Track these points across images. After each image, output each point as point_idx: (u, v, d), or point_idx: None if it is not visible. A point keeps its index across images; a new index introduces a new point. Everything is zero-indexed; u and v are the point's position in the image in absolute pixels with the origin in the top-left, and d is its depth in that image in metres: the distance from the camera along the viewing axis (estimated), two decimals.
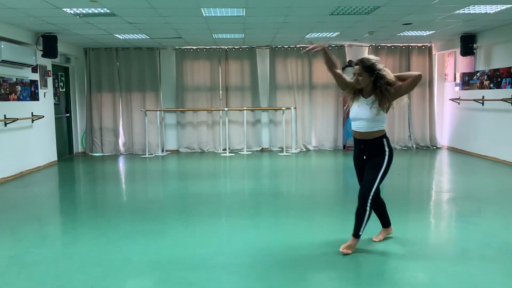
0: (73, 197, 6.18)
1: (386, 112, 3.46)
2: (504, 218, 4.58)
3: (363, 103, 3.51)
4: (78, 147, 10.43)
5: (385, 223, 3.86)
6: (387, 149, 3.50)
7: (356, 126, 3.55)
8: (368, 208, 3.43)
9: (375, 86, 3.44)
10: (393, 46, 10.36)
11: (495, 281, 3.04)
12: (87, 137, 10.29)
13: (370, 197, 3.42)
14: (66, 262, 3.51)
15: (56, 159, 8.96)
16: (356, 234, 3.52)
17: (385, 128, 3.54)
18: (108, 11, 6.21)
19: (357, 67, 3.49)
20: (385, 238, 3.87)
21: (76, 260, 3.55)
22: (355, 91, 3.58)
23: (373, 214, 3.65)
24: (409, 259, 3.45)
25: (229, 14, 6.55)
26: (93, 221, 4.69)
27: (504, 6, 6.21)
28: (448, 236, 4.23)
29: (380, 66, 3.44)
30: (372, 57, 3.52)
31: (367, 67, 3.43)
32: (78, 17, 6.56)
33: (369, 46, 10.38)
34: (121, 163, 9.12)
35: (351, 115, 3.58)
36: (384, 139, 3.51)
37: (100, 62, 10.15)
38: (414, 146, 10.47)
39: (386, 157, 3.48)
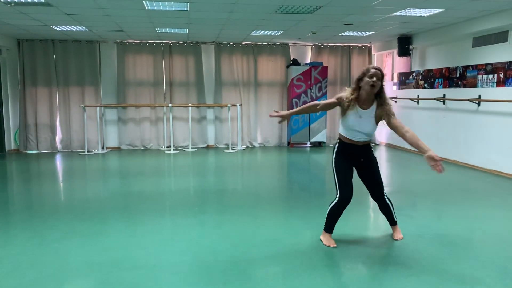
0: (5, 197, 5.81)
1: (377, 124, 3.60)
2: (437, 211, 4.86)
3: (365, 115, 3.52)
4: (11, 144, 9.82)
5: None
6: (373, 150, 3.76)
7: (355, 137, 3.57)
8: (388, 201, 3.81)
9: (377, 97, 3.54)
10: (335, 45, 10.65)
11: (427, 269, 3.22)
12: (21, 134, 9.72)
13: (385, 192, 3.79)
14: None
15: None
16: (394, 222, 3.93)
17: None
18: (42, 0, 5.88)
19: (376, 71, 3.48)
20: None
21: (6, 263, 3.34)
22: (350, 100, 3.52)
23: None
24: (348, 251, 3.56)
25: (173, 8, 6.42)
26: (26, 223, 4.44)
27: (437, 10, 6.57)
28: (385, 229, 4.42)
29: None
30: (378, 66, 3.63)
31: (382, 76, 3.52)
32: (9, 5, 6.16)
33: (312, 45, 10.60)
34: (58, 161, 8.69)
35: (350, 125, 3.54)
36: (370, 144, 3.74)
37: (35, 54, 9.61)
38: None
39: (376, 158, 3.74)
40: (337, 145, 3.71)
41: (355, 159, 3.66)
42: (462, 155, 7.87)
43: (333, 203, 3.66)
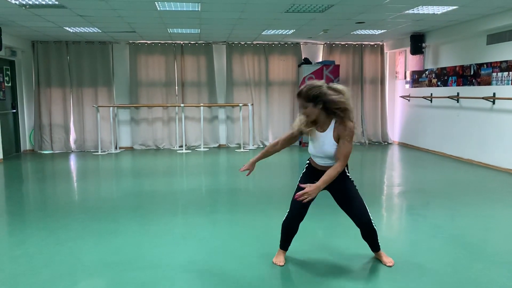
0: (21, 197, 5.90)
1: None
2: (450, 210, 4.81)
3: (325, 138, 3.04)
4: (26, 144, 9.98)
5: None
6: (348, 174, 3.22)
7: (321, 162, 3.13)
8: (374, 227, 3.20)
9: (329, 114, 2.99)
10: (347, 44, 10.59)
11: (440, 269, 3.19)
12: (36, 134, 9.86)
13: (371, 217, 3.18)
14: (12, 265, 3.35)
15: (1, 157, 8.53)
16: (378, 248, 3.35)
17: None
18: (56, 2, 5.96)
19: (299, 99, 3.03)
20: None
21: (22, 262, 3.39)
22: (308, 124, 3.06)
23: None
24: (362, 251, 3.55)
25: (184, 9, 6.45)
26: (41, 222, 4.50)
27: (450, 8, 6.50)
28: (398, 229, 4.39)
29: (324, 90, 2.95)
30: (311, 83, 3.02)
31: (308, 95, 2.96)
32: (24, 8, 6.25)
33: (323, 44, 10.55)
34: (72, 161, 8.80)
35: (311, 151, 3.14)
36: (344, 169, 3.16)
37: (49, 55, 9.74)
38: (367, 141, 10.77)
39: (351, 180, 3.22)
40: (307, 162, 3.30)
41: (314, 179, 3.08)
42: (476, 154, 7.78)
43: (284, 218, 3.31)
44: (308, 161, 3.31)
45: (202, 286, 2.99)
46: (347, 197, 3.17)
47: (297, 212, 3.22)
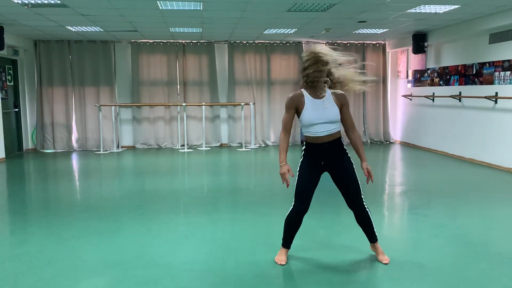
0: (23, 195, 5.92)
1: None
2: (452, 210, 4.80)
3: (327, 104, 3.11)
4: (28, 143, 10.00)
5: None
6: (346, 149, 3.24)
7: (323, 129, 3.12)
8: (368, 211, 3.25)
9: (327, 82, 3.10)
10: (349, 43, 10.58)
11: (442, 269, 3.18)
12: (38, 133, 9.88)
13: (364, 201, 3.23)
14: (14, 264, 3.36)
15: (4, 156, 8.55)
16: (374, 238, 3.34)
17: None
18: (58, 1, 5.96)
19: (310, 57, 3.07)
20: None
21: (24, 261, 3.40)
22: (298, 99, 3.13)
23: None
24: (363, 250, 3.54)
25: (186, 8, 6.45)
26: (43, 220, 4.51)
27: (452, 7, 6.48)
28: (400, 228, 4.39)
29: (326, 58, 3.06)
30: (315, 48, 3.08)
31: (318, 59, 3.03)
32: (26, 7, 6.26)
33: (325, 43, 10.55)
34: (74, 160, 8.81)
35: (310, 119, 3.09)
36: (341, 139, 3.24)
37: (51, 55, 9.75)
38: (369, 141, 10.76)
39: (350, 159, 3.23)
40: (303, 148, 3.25)
41: (324, 161, 3.17)
42: (478, 153, 7.76)
43: (288, 212, 3.27)
44: (304, 144, 3.25)
45: (203, 285, 2.99)
46: (346, 178, 3.20)
47: (304, 204, 3.18)
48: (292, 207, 3.25)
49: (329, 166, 3.21)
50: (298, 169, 3.26)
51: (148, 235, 4.05)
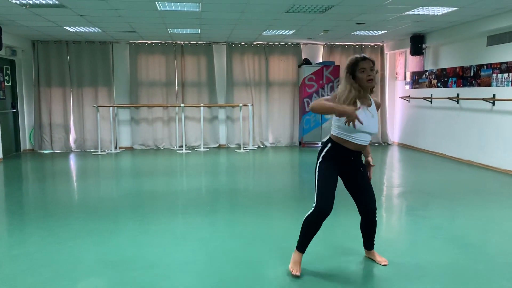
0: (20, 196, 5.90)
1: None
2: (450, 211, 4.81)
3: (369, 113, 3.01)
4: (25, 144, 9.98)
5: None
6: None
7: (363, 139, 3.00)
8: (376, 218, 3.25)
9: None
10: (347, 45, 10.60)
11: (440, 270, 3.19)
12: (36, 134, 9.86)
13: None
14: (12, 265, 3.35)
15: (1, 156, 8.53)
16: (372, 245, 3.36)
17: None
18: (57, 2, 5.96)
19: (367, 62, 3.03)
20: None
21: (22, 262, 3.39)
22: (354, 99, 2.98)
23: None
24: (362, 252, 3.54)
25: (185, 9, 6.46)
26: (41, 221, 4.50)
27: (451, 9, 6.50)
28: (398, 229, 4.39)
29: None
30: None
31: (374, 63, 3.07)
32: (24, 7, 6.25)
33: (323, 45, 10.56)
34: (72, 161, 8.80)
35: (359, 126, 2.89)
36: None
37: (49, 55, 9.74)
38: None
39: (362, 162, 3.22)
40: (327, 149, 3.08)
41: (346, 165, 3.09)
42: (476, 155, 7.78)
43: (309, 214, 3.07)
44: (330, 143, 3.07)
45: (201, 286, 2.99)
46: (364, 182, 3.16)
47: (329, 204, 2.98)
48: (313, 209, 3.03)
49: (346, 171, 3.13)
50: (317, 169, 3.10)
51: (146, 236, 4.04)
